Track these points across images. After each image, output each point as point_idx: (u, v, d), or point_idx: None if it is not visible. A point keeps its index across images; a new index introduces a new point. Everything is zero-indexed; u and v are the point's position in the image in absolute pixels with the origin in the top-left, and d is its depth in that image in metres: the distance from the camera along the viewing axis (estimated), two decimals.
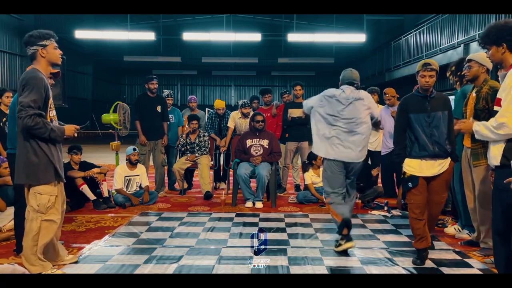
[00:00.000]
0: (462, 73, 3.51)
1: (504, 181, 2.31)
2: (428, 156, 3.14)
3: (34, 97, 2.64)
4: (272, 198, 5.19)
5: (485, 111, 3.13)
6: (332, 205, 3.57)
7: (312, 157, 5.40)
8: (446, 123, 3.15)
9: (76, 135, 2.97)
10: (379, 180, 5.75)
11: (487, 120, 3.02)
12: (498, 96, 2.45)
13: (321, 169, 5.36)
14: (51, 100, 2.87)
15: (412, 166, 3.19)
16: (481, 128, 2.50)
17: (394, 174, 5.57)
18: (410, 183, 3.17)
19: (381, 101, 5.93)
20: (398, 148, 3.27)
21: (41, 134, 2.68)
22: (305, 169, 5.53)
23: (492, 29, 2.49)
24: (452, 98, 3.73)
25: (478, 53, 3.40)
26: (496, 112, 2.45)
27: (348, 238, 3.41)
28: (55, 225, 2.91)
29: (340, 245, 3.42)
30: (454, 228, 4.00)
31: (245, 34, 19.93)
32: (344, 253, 3.41)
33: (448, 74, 3.87)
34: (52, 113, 2.90)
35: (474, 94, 3.31)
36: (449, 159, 3.20)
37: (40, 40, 2.80)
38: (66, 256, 3.17)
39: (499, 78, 2.60)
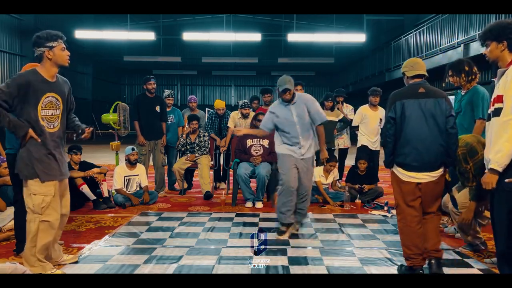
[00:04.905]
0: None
1: (506, 180, 2.30)
2: None
3: (5, 89, 2.67)
4: (272, 198, 5.18)
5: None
6: None
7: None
8: None
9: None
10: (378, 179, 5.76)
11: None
12: (499, 93, 2.40)
13: (332, 173, 5.37)
14: (44, 100, 2.78)
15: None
16: (503, 152, 2.30)
17: None
18: None
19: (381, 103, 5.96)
20: None
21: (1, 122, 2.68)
22: (317, 163, 5.56)
23: (496, 25, 2.48)
24: (452, 98, 3.72)
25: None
26: (496, 108, 2.41)
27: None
28: (54, 226, 2.91)
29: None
30: (454, 228, 4.00)
31: (245, 34, 19.91)
32: (344, 253, 3.42)
33: (452, 78, 3.82)
34: (45, 112, 2.81)
35: None
36: None
37: (47, 42, 2.78)
38: (66, 256, 3.16)
39: (497, 75, 2.57)
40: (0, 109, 2.64)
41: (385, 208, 4.87)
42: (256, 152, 5.26)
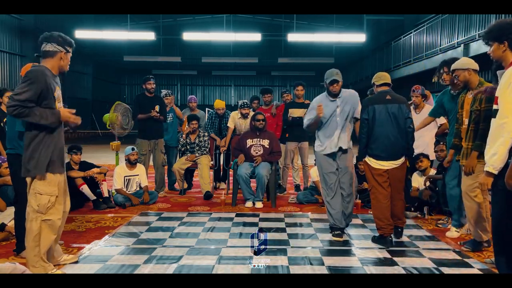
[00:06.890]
0: (455, 82, 3.56)
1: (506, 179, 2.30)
2: None
3: (27, 88, 2.67)
4: (272, 198, 5.19)
5: (477, 112, 3.17)
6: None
7: None
8: None
9: (76, 122, 2.98)
10: None
11: (477, 120, 3.08)
12: (496, 94, 2.45)
13: None
14: (57, 93, 2.89)
15: None
16: (498, 155, 2.35)
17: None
18: None
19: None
20: None
21: (32, 121, 2.70)
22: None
23: (496, 25, 2.51)
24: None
25: (458, 61, 3.47)
26: (494, 110, 2.45)
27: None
28: (56, 225, 2.91)
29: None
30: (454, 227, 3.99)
31: (245, 34, 19.89)
32: (344, 252, 3.42)
33: (446, 76, 3.85)
34: (59, 105, 2.92)
35: (470, 96, 3.34)
36: None
37: (67, 45, 2.90)
38: (66, 256, 3.16)
39: (498, 77, 2.60)
40: (24, 109, 2.65)
41: None
42: (256, 152, 5.26)
